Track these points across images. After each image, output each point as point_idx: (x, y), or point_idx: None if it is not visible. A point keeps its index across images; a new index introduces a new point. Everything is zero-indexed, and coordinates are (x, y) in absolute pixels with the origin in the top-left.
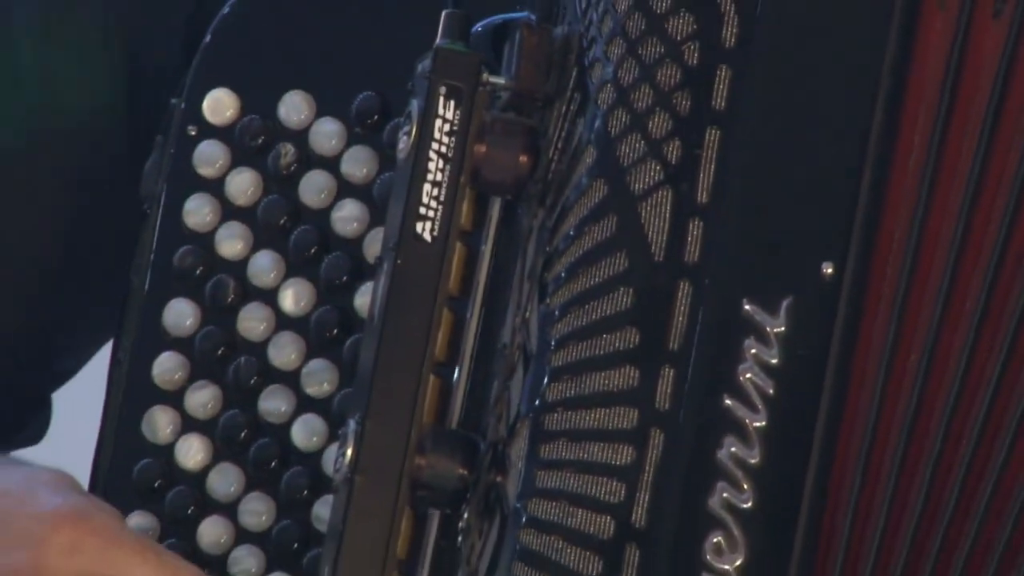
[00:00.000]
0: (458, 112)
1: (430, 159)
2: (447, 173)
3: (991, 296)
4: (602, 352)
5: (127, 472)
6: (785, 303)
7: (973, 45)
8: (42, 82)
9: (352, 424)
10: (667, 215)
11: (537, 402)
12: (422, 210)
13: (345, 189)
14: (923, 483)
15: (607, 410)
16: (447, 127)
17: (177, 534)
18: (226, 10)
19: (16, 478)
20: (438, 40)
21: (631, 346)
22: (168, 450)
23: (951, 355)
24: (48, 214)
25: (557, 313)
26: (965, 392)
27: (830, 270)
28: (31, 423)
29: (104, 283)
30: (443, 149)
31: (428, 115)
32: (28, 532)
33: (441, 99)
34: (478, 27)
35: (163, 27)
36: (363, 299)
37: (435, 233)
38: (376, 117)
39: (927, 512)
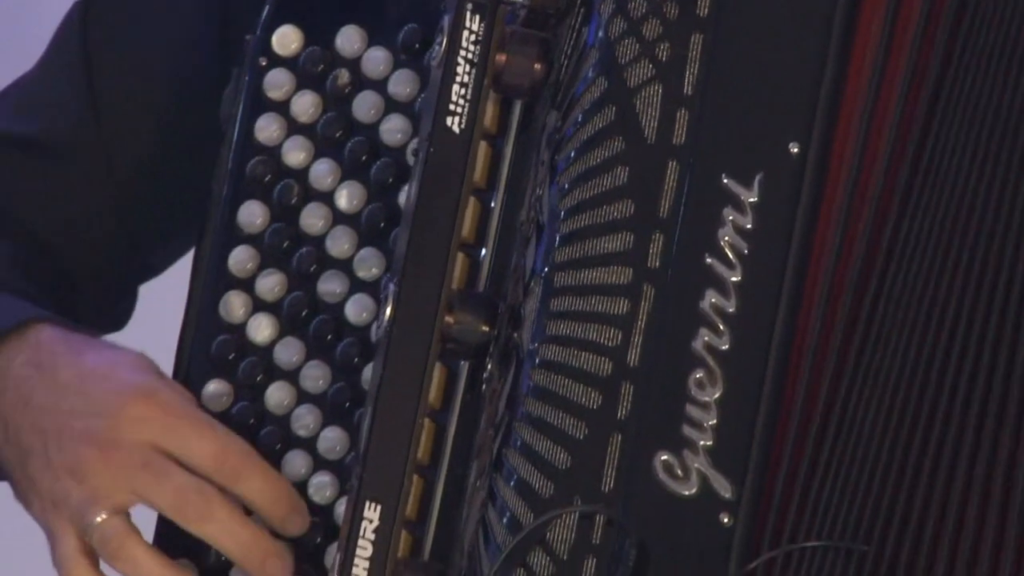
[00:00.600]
0: (482, 25)
1: (458, 64)
2: (473, 76)
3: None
4: (602, 220)
5: (207, 347)
6: (758, 177)
7: None
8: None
9: (391, 286)
10: (658, 105)
11: (548, 263)
12: (451, 107)
13: (391, 106)
14: (866, 315)
15: (606, 269)
16: (473, 37)
17: (247, 397)
18: None
19: (103, 358)
20: None
21: (627, 215)
22: (241, 328)
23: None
24: (150, 127)
25: (566, 187)
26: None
27: (796, 149)
28: (116, 309)
29: (189, 192)
30: (470, 56)
31: (457, 27)
32: (107, 403)
33: (468, 13)
34: None
35: None
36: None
37: (462, 126)
38: (418, 46)
39: (867, 341)
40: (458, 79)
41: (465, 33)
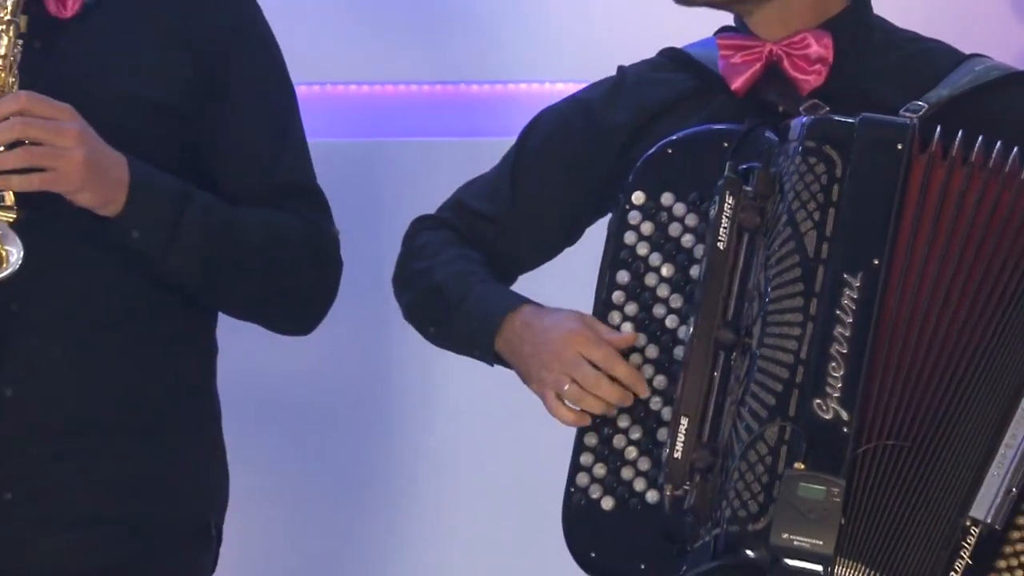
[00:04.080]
0: (735, 200)
1: (723, 219)
2: (731, 224)
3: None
4: (789, 293)
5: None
6: (860, 274)
7: (932, 183)
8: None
9: (692, 317)
10: (814, 240)
11: (765, 309)
12: (720, 236)
13: (686, 229)
14: (912, 348)
15: (792, 314)
16: (730, 207)
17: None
18: (646, 155)
19: (556, 317)
20: (726, 173)
21: (800, 291)
22: (616, 329)
23: (921, 303)
24: (538, 217)
25: (772, 276)
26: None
27: (876, 261)
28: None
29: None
30: (729, 214)
31: (722, 202)
32: (559, 336)
33: (728, 196)
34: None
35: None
36: (694, 271)
37: (725, 246)
38: (698, 202)
39: (907, 346)
40: (723, 226)
41: (726, 206)
